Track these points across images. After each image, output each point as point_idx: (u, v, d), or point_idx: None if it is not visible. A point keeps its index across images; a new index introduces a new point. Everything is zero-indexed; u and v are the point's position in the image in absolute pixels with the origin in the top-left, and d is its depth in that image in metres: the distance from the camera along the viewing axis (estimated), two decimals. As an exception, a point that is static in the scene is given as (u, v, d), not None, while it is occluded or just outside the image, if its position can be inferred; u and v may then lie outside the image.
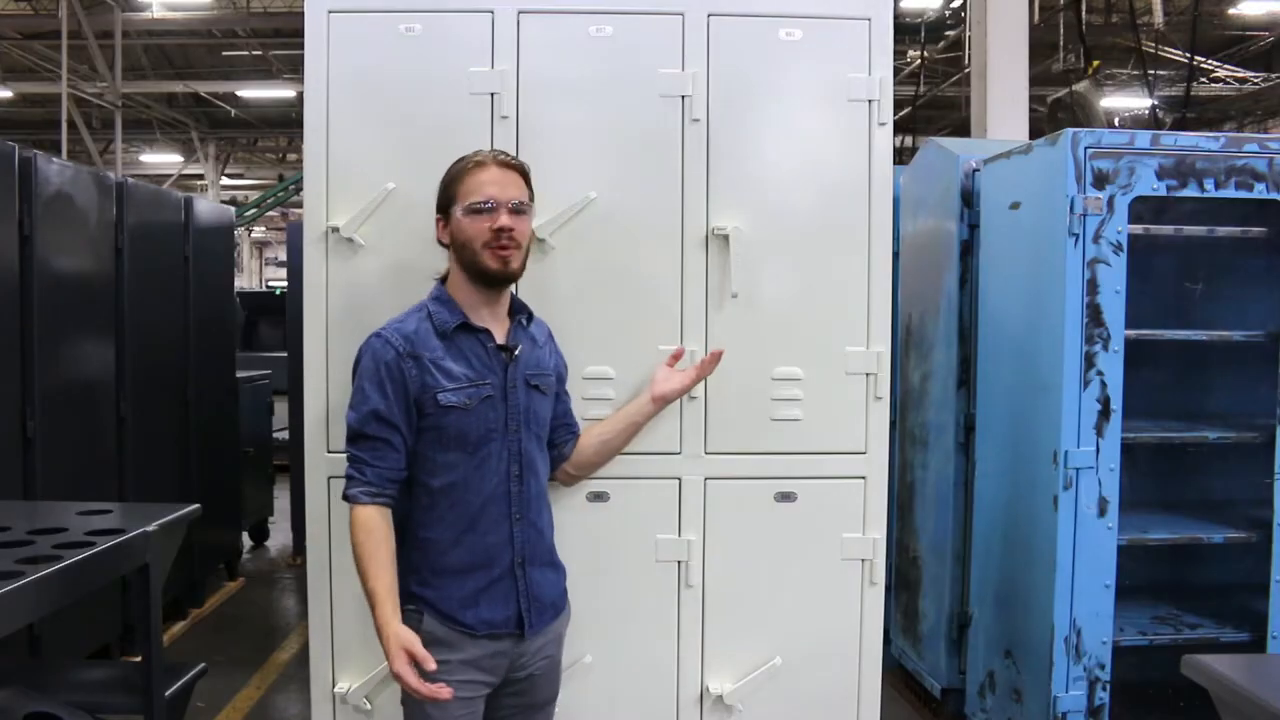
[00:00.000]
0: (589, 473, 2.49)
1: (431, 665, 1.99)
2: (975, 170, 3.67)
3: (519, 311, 2.26)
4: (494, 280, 2.15)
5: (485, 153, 2.19)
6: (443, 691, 1.98)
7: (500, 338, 2.19)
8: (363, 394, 2.10)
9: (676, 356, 2.50)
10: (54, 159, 4.00)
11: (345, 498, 2.10)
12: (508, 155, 2.21)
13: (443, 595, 2.13)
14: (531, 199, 2.21)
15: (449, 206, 2.16)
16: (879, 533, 2.63)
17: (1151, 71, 8.58)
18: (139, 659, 2.45)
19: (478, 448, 2.13)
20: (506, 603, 2.16)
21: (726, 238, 2.55)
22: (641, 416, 2.46)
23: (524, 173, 2.20)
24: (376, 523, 2.07)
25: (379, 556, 2.05)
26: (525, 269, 2.21)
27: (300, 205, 15.50)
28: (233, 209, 6.55)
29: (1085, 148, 2.99)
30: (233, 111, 17.30)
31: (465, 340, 2.15)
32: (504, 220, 2.11)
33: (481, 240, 2.11)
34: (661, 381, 2.45)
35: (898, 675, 4.22)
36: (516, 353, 2.19)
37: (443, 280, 2.23)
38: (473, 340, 2.16)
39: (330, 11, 2.53)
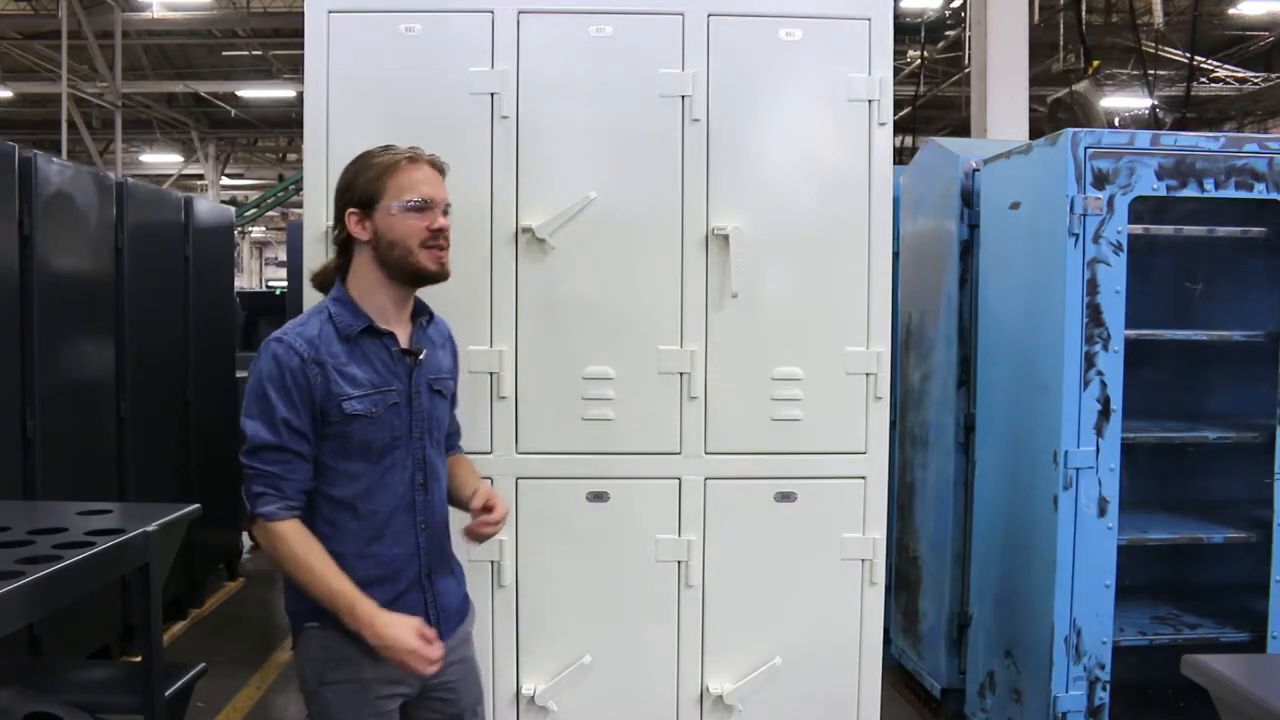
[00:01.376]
0: None
1: (439, 648, 1.95)
2: (975, 170, 3.67)
3: (420, 313, 2.14)
4: (427, 281, 2.06)
5: (412, 149, 2.06)
6: (435, 650, 1.94)
7: (404, 341, 2.08)
8: (267, 403, 1.95)
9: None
10: (54, 159, 3.99)
11: (260, 515, 1.95)
12: (433, 154, 2.10)
13: None
14: None
15: (372, 202, 2.02)
16: (879, 533, 2.63)
17: (1151, 71, 8.58)
18: (139, 659, 2.45)
19: (382, 456, 2.02)
20: (415, 613, 2.04)
21: (726, 238, 2.55)
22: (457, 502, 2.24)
23: (445, 174, 2.11)
24: (305, 531, 1.97)
25: (329, 560, 1.96)
26: None
27: (300, 205, 15.51)
28: (233, 209, 6.55)
29: (1085, 148, 2.98)
30: (233, 111, 17.30)
31: (369, 344, 2.03)
32: (441, 221, 2.03)
33: (417, 240, 2.01)
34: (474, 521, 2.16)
35: (898, 675, 4.22)
36: (421, 357, 2.08)
37: (339, 281, 2.08)
38: (377, 344, 2.04)
39: (330, 11, 2.53)
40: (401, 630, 1.93)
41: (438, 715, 2.15)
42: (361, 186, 2.03)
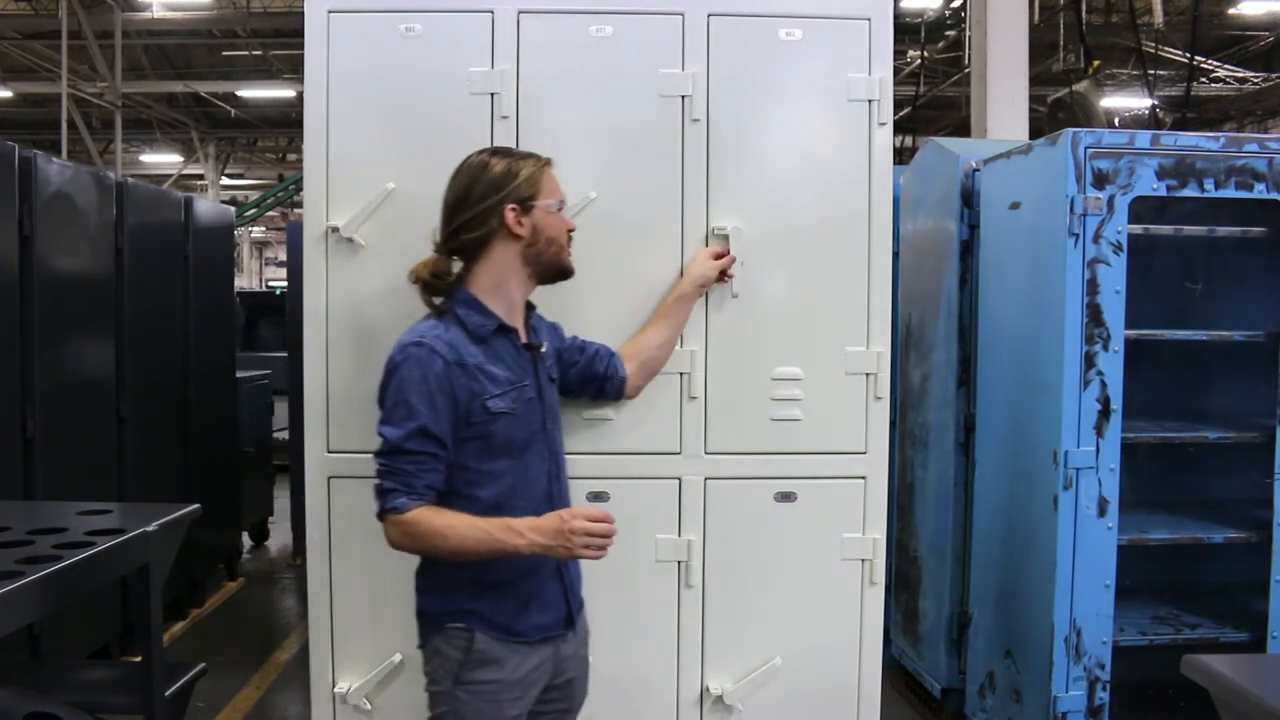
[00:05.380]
0: (650, 377, 2.49)
1: (611, 522, 1.99)
2: (975, 170, 3.68)
3: (529, 307, 2.23)
4: (566, 276, 2.20)
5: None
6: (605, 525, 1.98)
7: (522, 336, 2.15)
8: (407, 407, 1.97)
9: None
10: (54, 159, 3.99)
11: (389, 509, 1.97)
12: None
13: (496, 607, 2.06)
14: None
15: (531, 199, 2.10)
16: (879, 533, 2.63)
17: (1151, 71, 8.59)
18: (139, 659, 2.45)
19: (524, 452, 2.07)
20: (556, 604, 2.14)
21: (726, 238, 2.55)
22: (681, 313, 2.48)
23: None
24: (434, 508, 1.98)
25: (465, 515, 1.98)
26: None
27: (300, 205, 15.50)
28: (233, 209, 6.55)
29: (1085, 148, 2.99)
30: (233, 111, 17.30)
31: (500, 342, 2.08)
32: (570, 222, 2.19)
33: (565, 238, 2.16)
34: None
35: (898, 675, 4.22)
36: (543, 350, 2.16)
37: (457, 283, 2.12)
38: (505, 341, 2.09)
39: (330, 11, 2.53)
40: (552, 520, 1.97)
41: (552, 709, 2.19)
42: (520, 184, 2.09)
